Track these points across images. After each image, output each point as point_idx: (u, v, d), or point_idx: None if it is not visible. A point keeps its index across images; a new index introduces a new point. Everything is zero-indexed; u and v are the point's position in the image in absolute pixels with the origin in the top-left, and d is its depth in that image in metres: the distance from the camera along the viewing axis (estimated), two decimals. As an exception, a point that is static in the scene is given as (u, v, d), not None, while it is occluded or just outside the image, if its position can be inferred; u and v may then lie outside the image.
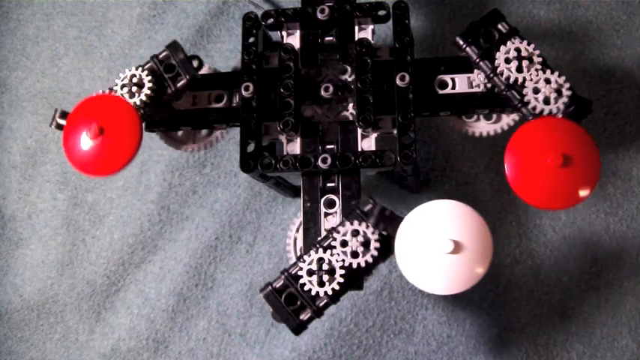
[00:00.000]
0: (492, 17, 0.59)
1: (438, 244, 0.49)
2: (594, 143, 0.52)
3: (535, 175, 0.51)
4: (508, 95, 0.58)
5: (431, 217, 0.51)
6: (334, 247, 0.55)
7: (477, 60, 0.59)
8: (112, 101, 0.58)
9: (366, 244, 0.55)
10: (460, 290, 0.50)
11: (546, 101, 0.56)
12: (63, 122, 0.61)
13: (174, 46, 0.62)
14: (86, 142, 0.56)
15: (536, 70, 0.57)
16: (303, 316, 0.57)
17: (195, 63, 0.63)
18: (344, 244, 0.55)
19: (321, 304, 0.56)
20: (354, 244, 0.55)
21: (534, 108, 0.56)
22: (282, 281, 0.57)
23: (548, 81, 0.56)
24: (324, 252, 0.56)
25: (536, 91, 0.56)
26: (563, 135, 0.52)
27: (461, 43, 0.59)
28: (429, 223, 0.51)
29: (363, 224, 0.55)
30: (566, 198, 0.51)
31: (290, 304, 0.57)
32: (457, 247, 0.49)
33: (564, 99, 0.56)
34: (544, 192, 0.51)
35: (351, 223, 0.55)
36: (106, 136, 0.55)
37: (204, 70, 0.67)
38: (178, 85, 0.62)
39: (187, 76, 0.61)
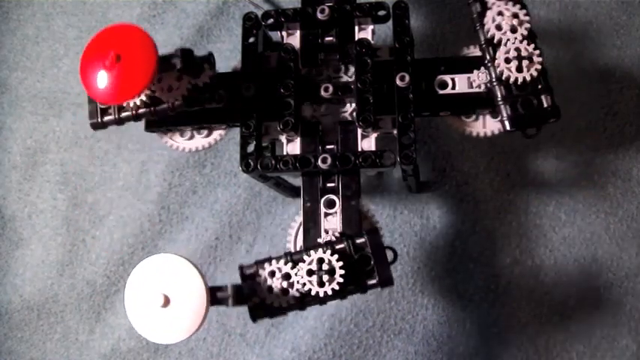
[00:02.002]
0: None
1: (152, 298, 0.52)
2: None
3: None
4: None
5: (152, 271, 0.54)
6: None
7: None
8: (127, 30, 0.59)
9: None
10: (178, 340, 0.53)
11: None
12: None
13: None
14: (103, 70, 0.57)
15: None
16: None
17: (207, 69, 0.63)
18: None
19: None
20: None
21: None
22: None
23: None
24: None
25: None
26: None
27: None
28: (149, 277, 0.54)
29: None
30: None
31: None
32: (167, 301, 0.52)
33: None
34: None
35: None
36: (123, 62, 0.57)
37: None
38: (176, 103, 0.62)
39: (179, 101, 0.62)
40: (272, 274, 0.56)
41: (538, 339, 0.75)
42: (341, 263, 0.55)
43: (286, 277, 0.56)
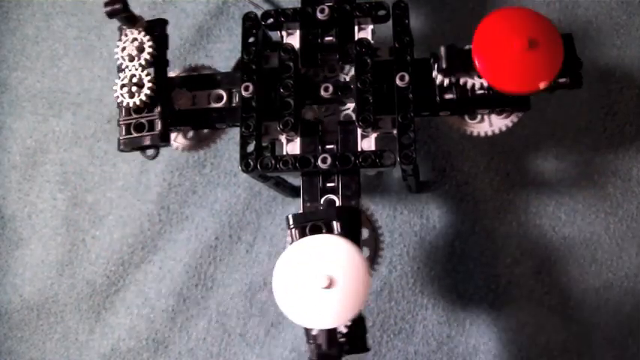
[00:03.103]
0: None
1: (314, 279, 0.50)
2: (555, 28, 0.55)
3: (503, 60, 0.54)
4: None
5: (307, 252, 0.51)
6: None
7: None
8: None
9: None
10: (337, 325, 0.51)
11: None
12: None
13: None
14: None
15: None
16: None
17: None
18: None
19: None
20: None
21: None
22: None
23: None
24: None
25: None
26: (525, 21, 0.55)
27: None
28: (306, 258, 0.51)
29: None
30: (535, 79, 0.54)
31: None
32: (332, 282, 0.49)
33: None
34: (513, 75, 0.54)
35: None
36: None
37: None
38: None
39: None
40: None
41: (538, 339, 0.75)
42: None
43: None
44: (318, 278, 0.49)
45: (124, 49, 0.62)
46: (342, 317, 0.50)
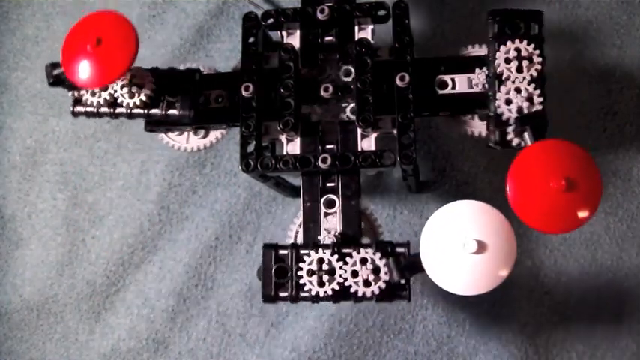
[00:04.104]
0: (533, 15, 0.59)
1: (462, 244, 0.49)
2: (596, 167, 0.52)
3: (537, 198, 0.51)
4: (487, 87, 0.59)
5: (455, 217, 0.51)
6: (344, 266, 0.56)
7: (490, 38, 0.59)
8: (107, 16, 0.59)
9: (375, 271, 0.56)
10: (483, 291, 0.50)
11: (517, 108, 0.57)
12: (59, 71, 0.61)
13: None
14: (84, 53, 0.57)
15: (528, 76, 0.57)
16: (281, 293, 0.58)
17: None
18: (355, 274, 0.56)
19: (301, 296, 0.57)
20: (364, 272, 0.56)
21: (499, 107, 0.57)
22: (286, 251, 0.58)
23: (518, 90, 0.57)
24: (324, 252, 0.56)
25: (508, 101, 0.57)
26: (565, 158, 0.53)
27: (490, 16, 0.59)
28: (454, 223, 0.51)
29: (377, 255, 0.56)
30: (567, 222, 0.51)
31: (278, 276, 0.58)
32: (481, 247, 0.49)
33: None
34: (545, 215, 0.51)
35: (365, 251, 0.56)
36: (104, 46, 0.56)
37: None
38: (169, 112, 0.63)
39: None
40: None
41: (538, 339, 0.75)
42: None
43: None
44: (469, 243, 0.49)
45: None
46: (489, 283, 0.50)
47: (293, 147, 0.63)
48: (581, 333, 0.75)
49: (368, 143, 0.62)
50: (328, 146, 0.63)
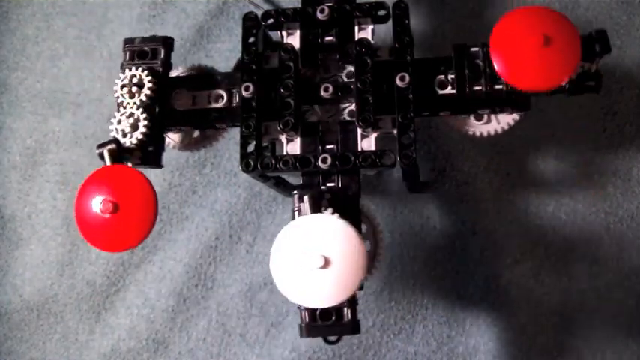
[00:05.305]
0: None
1: (309, 259, 0.51)
2: (572, 24, 0.55)
3: (519, 57, 0.55)
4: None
5: (304, 233, 0.52)
6: None
7: None
8: (126, 174, 0.58)
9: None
10: (334, 303, 0.51)
11: None
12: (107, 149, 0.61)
13: None
14: (100, 216, 0.56)
15: None
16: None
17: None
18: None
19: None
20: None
21: None
22: None
23: None
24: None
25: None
26: (541, 19, 0.56)
27: None
28: (302, 239, 0.52)
29: None
30: (552, 76, 0.54)
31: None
32: (327, 263, 0.51)
33: None
34: (529, 72, 0.55)
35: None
36: (121, 213, 0.56)
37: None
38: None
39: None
40: None
41: (538, 339, 0.75)
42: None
43: None
44: (314, 258, 0.50)
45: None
46: (336, 297, 0.51)
47: (293, 147, 0.63)
48: (581, 333, 0.75)
49: (368, 143, 0.62)
50: (328, 146, 0.63)
